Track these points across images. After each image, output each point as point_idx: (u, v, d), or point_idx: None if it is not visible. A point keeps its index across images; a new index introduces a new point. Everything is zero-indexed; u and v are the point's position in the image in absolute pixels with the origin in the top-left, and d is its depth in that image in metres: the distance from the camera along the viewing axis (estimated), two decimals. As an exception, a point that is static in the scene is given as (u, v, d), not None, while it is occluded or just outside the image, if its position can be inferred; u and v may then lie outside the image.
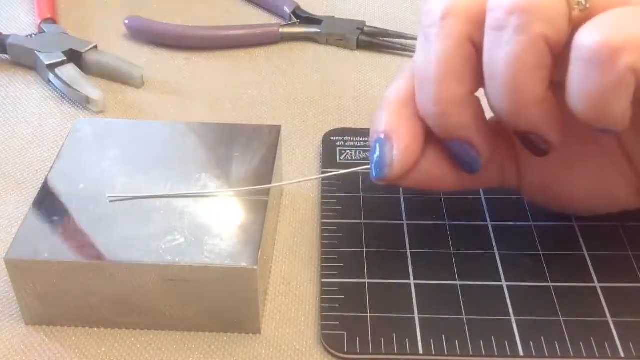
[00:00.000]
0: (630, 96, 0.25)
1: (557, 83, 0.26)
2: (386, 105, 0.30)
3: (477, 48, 0.28)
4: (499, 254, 0.33)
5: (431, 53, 0.28)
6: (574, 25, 0.25)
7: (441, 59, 0.28)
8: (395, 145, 0.29)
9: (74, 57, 0.45)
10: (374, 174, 0.30)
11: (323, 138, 0.40)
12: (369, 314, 0.30)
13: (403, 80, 0.31)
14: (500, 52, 0.26)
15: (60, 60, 0.45)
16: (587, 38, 0.25)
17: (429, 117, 0.29)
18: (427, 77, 0.28)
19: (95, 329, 0.30)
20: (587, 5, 0.26)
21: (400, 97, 0.30)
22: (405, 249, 0.33)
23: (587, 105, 0.25)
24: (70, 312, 0.30)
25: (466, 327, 0.29)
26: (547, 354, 0.29)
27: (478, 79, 0.28)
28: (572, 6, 0.26)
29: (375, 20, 0.51)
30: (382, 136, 0.30)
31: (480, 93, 0.29)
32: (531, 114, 0.27)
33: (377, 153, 0.30)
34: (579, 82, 0.25)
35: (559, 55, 0.26)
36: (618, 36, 0.24)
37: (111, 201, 0.31)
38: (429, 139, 0.30)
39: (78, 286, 0.29)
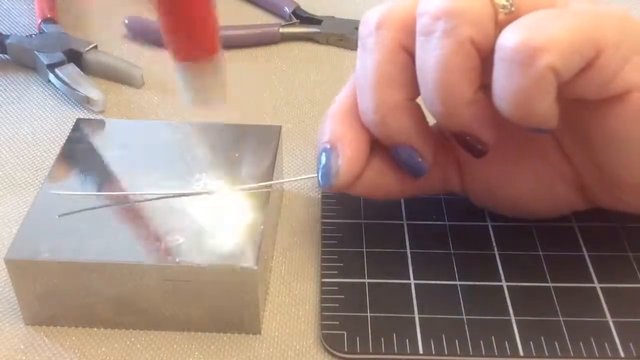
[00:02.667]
0: (552, 94, 0.26)
1: (488, 86, 0.27)
2: (331, 115, 0.31)
3: (412, 55, 0.28)
4: (499, 254, 0.33)
5: (368, 62, 0.29)
6: (501, 27, 0.26)
7: (377, 68, 0.29)
8: (341, 154, 0.30)
9: (74, 57, 0.45)
10: (321, 182, 0.31)
11: (323, 138, 0.40)
12: (369, 314, 0.30)
13: (347, 91, 0.31)
14: (430, 56, 0.27)
15: (60, 60, 0.45)
16: (508, 39, 0.25)
17: (370, 124, 0.30)
18: (366, 85, 0.29)
19: (95, 329, 0.30)
20: (513, 9, 0.26)
21: (344, 106, 0.31)
22: (405, 249, 0.33)
23: (511, 104, 0.26)
24: (70, 312, 0.30)
25: (466, 327, 0.29)
26: (547, 354, 0.29)
27: (415, 85, 0.28)
28: (497, 9, 0.26)
29: (375, 20, 0.51)
30: (328, 146, 0.30)
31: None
32: (463, 115, 0.28)
33: (323, 162, 0.30)
34: (502, 82, 0.26)
35: (487, 58, 0.27)
36: (538, 36, 0.25)
37: (52, 193, 0.31)
38: (373, 148, 0.31)
39: (78, 286, 0.29)
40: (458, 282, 0.31)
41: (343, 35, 0.49)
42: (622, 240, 0.33)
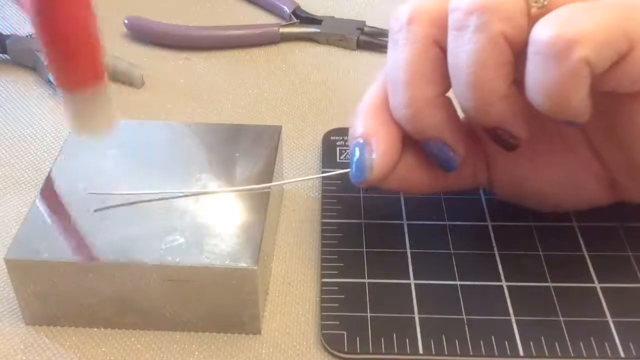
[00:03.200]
0: (586, 87, 0.26)
1: (520, 81, 0.27)
2: (363, 110, 0.31)
3: (443, 50, 0.28)
4: (499, 254, 0.33)
5: (400, 57, 0.29)
6: (533, 22, 0.26)
7: (409, 63, 0.29)
8: (374, 148, 0.30)
9: (74, 57, 0.45)
10: (355, 177, 0.31)
11: (323, 138, 0.40)
12: (369, 314, 0.30)
13: (378, 86, 0.31)
14: (463, 52, 0.27)
15: (60, 60, 0.45)
16: (541, 32, 0.25)
17: (402, 120, 0.30)
18: (398, 81, 0.29)
19: (95, 329, 0.30)
20: (545, 3, 0.26)
21: (376, 101, 0.31)
22: (405, 249, 0.33)
23: (546, 97, 0.26)
24: (70, 312, 0.30)
25: (466, 327, 0.29)
26: (547, 354, 0.29)
27: (446, 80, 0.29)
28: (530, 4, 0.26)
29: (375, 20, 0.51)
30: (361, 140, 0.30)
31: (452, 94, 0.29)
32: (496, 110, 0.28)
33: (357, 157, 0.30)
34: (536, 75, 0.26)
35: (520, 53, 0.27)
36: (571, 29, 0.25)
37: (90, 194, 0.31)
38: (405, 143, 0.31)
39: (78, 286, 0.29)
40: (458, 282, 0.31)
41: (343, 35, 0.49)
42: (622, 240, 0.33)
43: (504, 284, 0.31)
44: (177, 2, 0.54)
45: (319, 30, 0.50)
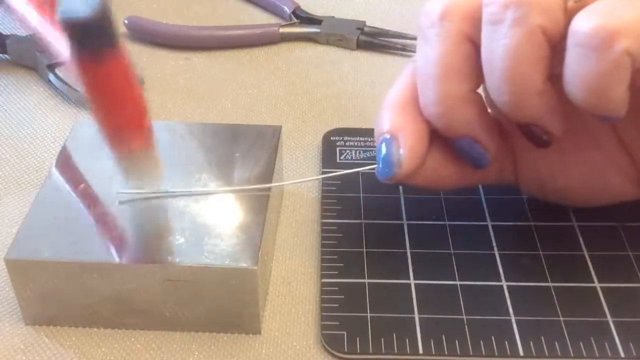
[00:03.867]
0: (627, 80, 0.25)
1: (555, 76, 0.27)
2: (390, 106, 0.31)
3: (475, 45, 0.28)
4: (499, 254, 0.33)
5: (431, 54, 0.29)
6: (569, 16, 0.26)
7: (441, 59, 0.28)
8: (402, 144, 0.30)
9: (74, 57, 0.45)
10: (382, 173, 0.30)
11: (323, 138, 0.40)
12: (369, 314, 0.30)
13: (405, 81, 0.31)
14: (499, 46, 0.27)
15: (61, 60, 0.45)
16: (583, 24, 0.25)
17: (432, 116, 0.29)
18: (429, 77, 0.29)
19: (95, 329, 0.30)
20: None
21: (403, 97, 0.30)
22: (405, 249, 0.33)
23: (586, 90, 0.26)
24: (70, 312, 0.30)
25: (466, 327, 0.29)
26: (547, 354, 0.29)
27: (478, 76, 0.28)
28: None
29: (375, 20, 0.51)
30: (388, 136, 0.30)
31: (480, 89, 0.29)
32: (532, 105, 0.27)
33: (384, 153, 0.30)
34: (576, 68, 0.26)
35: (556, 46, 0.26)
36: (613, 20, 0.25)
37: (120, 196, 0.31)
38: (432, 139, 0.30)
39: (78, 286, 0.29)
40: (458, 282, 0.31)
41: (343, 35, 0.49)
42: (622, 240, 0.33)
43: (504, 284, 0.31)
44: (177, 2, 0.54)
45: (319, 30, 0.50)
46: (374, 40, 0.49)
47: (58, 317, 0.30)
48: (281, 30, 0.50)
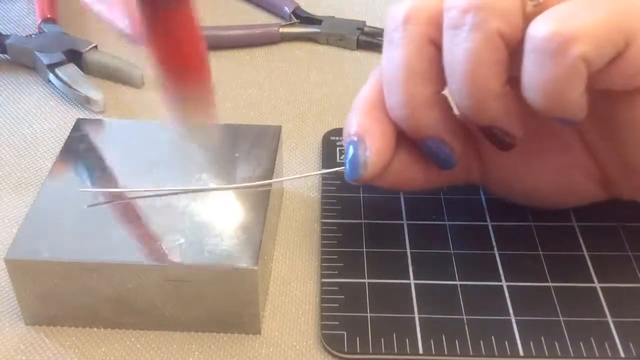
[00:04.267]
0: (583, 84, 0.26)
1: (515, 79, 0.27)
2: (357, 108, 0.31)
3: (439, 48, 0.28)
4: (499, 254, 0.33)
5: (396, 57, 0.29)
6: (528, 20, 0.26)
7: (405, 62, 0.29)
8: (369, 146, 0.30)
9: (74, 57, 0.45)
10: (349, 175, 0.31)
11: (323, 138, 0.40)
12: (369, 314, 0.30)
13: (373, 83, 0.31)
14: (458, 50, 0.27)
15: (60, 60, 0.45)
16: (538, 29, 0.25)
17: (399, 119, 0.30)
18: (394, 80, 0.29)
19: (95, 329, 0.30)
20: (540, 0, 0.26)
21: (370, 99, 0.31)
22: (405, 249, 0.33)
23: (542, 94, 0.26)
24: (70, 312, 0.30)
25: (466, 327, 0.29)
26: (547, 354, 0.29)
27: (443, 78, 0.29)
28: (525, 1, 0.26)
29: (375, 20, 0.51)
30: (355, 138, 0.30)
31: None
32: (492, 109, 0.28)
33: (351, 154, 0.30)
34: (533, 72, 0.26)
35: (514, 50, 0.27)
36: (569, 25, 0.25)
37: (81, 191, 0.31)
38: (399, 140, 0.31)
39: (78, 286, 0.29)
40: (458, 282, 0.31)
41: (343, 35, 0.49)
42: (622, 240, 0.33)
43: (504, 284, 0.31)
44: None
45: (319, 30, 0.50)
46: (374, 40, 0.49)
47: (58, 317, 0.30)
48: (281, 30, 0.50)
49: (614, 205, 0.33)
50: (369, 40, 0.49)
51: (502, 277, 0.32)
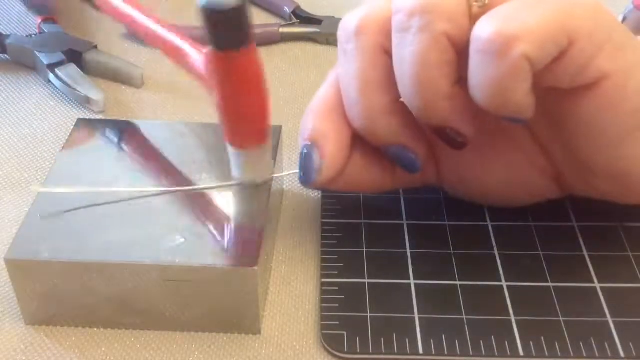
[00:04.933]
0: (527, 83, 0.26)
1: (464, 79, 0.27)
2: (312, 112, 0.31)
3: (391, 56, 0.28)
4: (499, 254, 0.33)
5: (351, 68, 0.29)
6: (475, 21, 0.26)
7: (360, 74, 0.29)
8: (323, 151, 0.30)
9: (74, 57, 0.45)
10: (303, 179, 0.31)
11: (323, 138, 0.40)
12: (369, 314, 0.30)
13: (328, 86, 0.31)
14: (406, 53, 0.27)
15: (60, 60, 0.45)
16: (482, 30, 0.26)
17: (360, 129, 0.30)
18: (351, 92, 0.29)
19: (95, 329, 0.30)
20: (486, 2, 0.27)
21: (325, 103, 0.31)
22: (405, 249, 0.33)
23: (487, 94, 0.26)
24: (70, 312, 0.30)
25: (466, 327, 0.29)
26: (547, 354, 0.29)
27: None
28: (471, 3, 0.27)
29: (375, 20, 0.51)
30: (309, 142, 0.30)
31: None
32: (441, 109, 0.28)
33: (304, 159, 0.30)
34: (478, 72, 0.26)
35: (463, 51, 0.27)
36: (511, 26, 0.25)
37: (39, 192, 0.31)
38: (354, 144, 0.31)
39: (78, 286, 0.29)
40: (458, 282, 0.31)
41: (343, 35, 0.49)
42: (622, 240, 0.33)
43: (504, 284, 0.31)
44: (177, 2, 0.54)
45: (319, 30, 0.50)
46: (374, 40, 0.49)
47: (58, 317, 0.30)
48: (281, 30, 0.50)
49: (614, 205, 0.33)
50: (369, 40, 0.49)
51: (502, 277, 0.32)
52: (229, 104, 0.29)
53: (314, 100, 0.32)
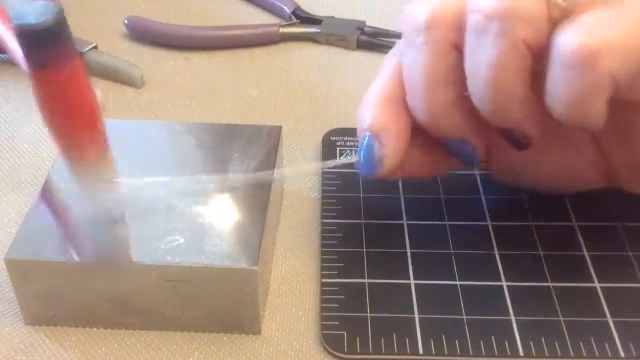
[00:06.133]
0: (606, 97, 0.26)
1: (535, 81, 0.27)
2: (371, 103, 0.31)
3: (461, 51, 0.28)
4: (499, 254, 0.33)
5: (418, 61, 0.29)
6: (553, 24, 0.26)
7: (429, 68, 0.28)
8: (385, 144, 0.30)
9: (73, 57, 0.45)
10: (364, 170, 0.31)
11: (323, 138, 0.40)
12: (369, 314, 0.30)
13: (387, 77, 0.31)
14: (483, 56, 0.27)
15: (60, 60, 0.45)
16: (566, 41, 0.25)
17: (422, 121, 0.30)
18: (417, 84, 0.29)
19: (95, 329, 0.30)
20: (564, 5, 0.26)
21: (385, 93, 0.31)
22: (405, 249, 0.33)
23: (566, 106, 0.26)
24: (70, 312, 0.30)
25: (466, 327, 0.29)
26: (547, 354, 0.29)
27: (464, 80, 0.28)
28: (551, 7, 0.26)
29: (375, 20, 0.51)
30: (370, 134, 0.30)
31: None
32: (514, 114, 0.28)
33: (366, 150, 0.30)
34: (558, 84, 0.26)
35: (539, 55, 0.26)
36: (596, 40, 0.24)
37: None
38: (412, 133, 0.31)
39: (78, 286, 0.29)
40: (458, 282, 0.31)
41: (343, 35, 0.49)
42: (622, 240, 0.33)
43: (504, 284, 0.31)
44: (177, 2, 0.54)
45: (319, 30, 0.50)
46: (374, 40, 0.49)
47: (58, 317, 0.30)
48: (281, 30, 0.50)
49: (614, 205, 0.33)
50: (369, 40, 0.49)
51: (502, 277, 0.32)
52: (52, 119, 0.28)
53: (371, 89, 0.31)
